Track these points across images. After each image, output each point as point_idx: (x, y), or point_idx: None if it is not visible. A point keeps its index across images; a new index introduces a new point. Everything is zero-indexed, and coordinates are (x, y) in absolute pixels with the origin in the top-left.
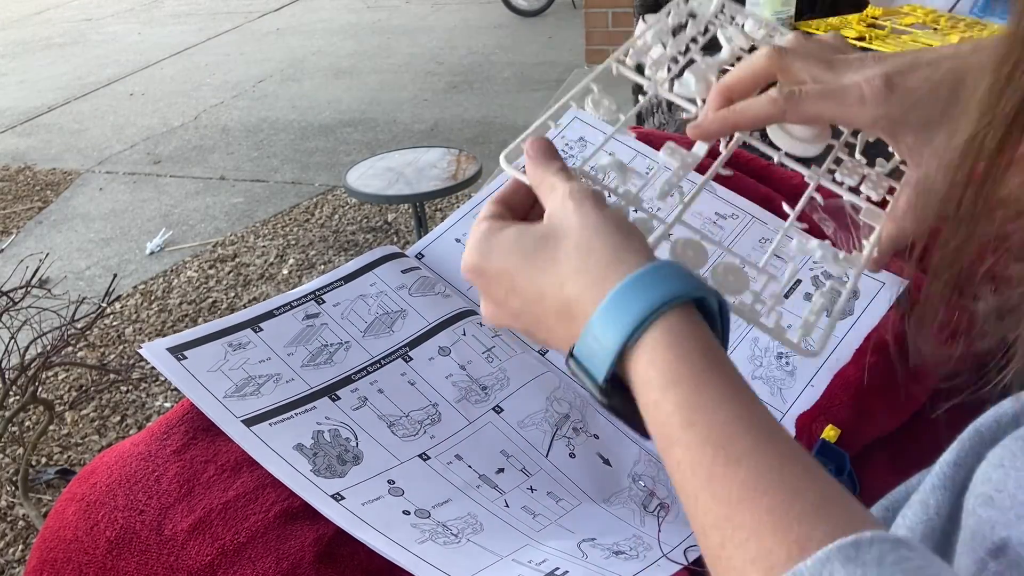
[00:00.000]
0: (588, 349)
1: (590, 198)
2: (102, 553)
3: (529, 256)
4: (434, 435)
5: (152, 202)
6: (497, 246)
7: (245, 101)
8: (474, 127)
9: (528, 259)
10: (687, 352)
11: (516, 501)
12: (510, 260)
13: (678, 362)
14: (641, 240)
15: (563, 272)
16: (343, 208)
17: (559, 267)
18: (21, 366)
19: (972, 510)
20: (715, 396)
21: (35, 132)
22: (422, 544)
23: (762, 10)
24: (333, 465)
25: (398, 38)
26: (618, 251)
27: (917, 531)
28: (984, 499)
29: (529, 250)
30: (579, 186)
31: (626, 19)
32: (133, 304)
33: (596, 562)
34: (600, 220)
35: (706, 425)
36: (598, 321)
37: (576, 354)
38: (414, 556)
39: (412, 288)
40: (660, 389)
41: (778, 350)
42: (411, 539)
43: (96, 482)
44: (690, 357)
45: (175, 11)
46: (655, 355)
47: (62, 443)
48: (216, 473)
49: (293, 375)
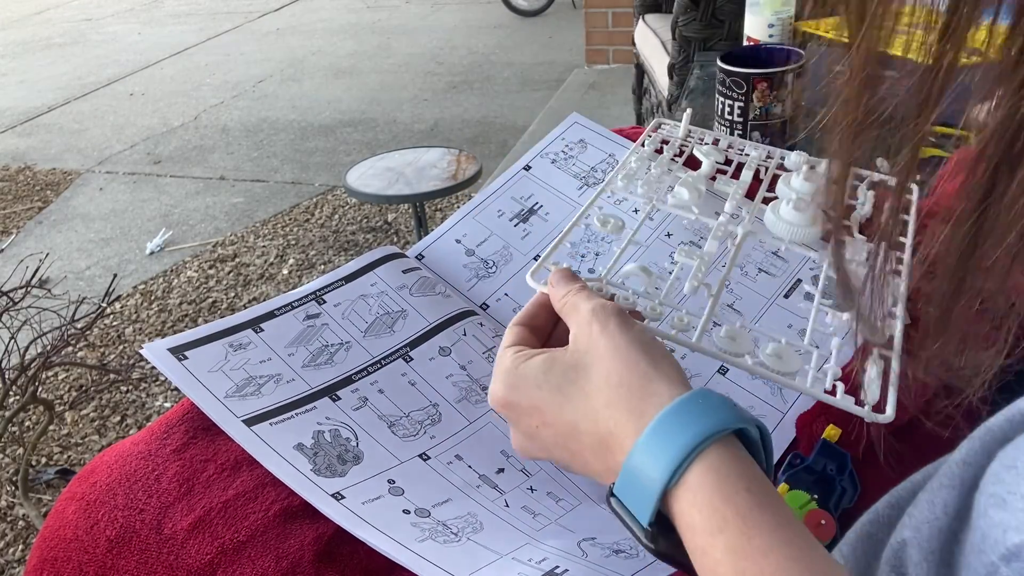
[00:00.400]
0: (628, 489)
1: (614, 317)
2: (102, 552)
3: (559, 388)
4: (434, 435)
5: (152, 202)
6: (525, 379)
7: (245, 101)
8: (474, 127)
9: (558, 392)
10: (731, 492)
11: (516, 501)
12: (540, 394)
13: (724, 504)
14: (671, 363)
15: (595, 405)
16: (343, 208)
17: (590, 400)
18: (21, 366)
19: (983, 511)
20: (764, 541)
21: (35, 132)
22: (422, 542)
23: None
24: (333, 465)
25: (398, 38)
26: (650, 380)
27: (923, 530)
28: (996, 500)
29: (558, 382)
30: (602, 304)
31: (626, 19)
32: (133, 304)
33: (596, 561)
34: (627, 344)
35: (757, 574)
36: (636, 461)
37: (616, 493)
38: (414, 554)
39: (413, 288)
40: (707, 534)
41: None
42: (411, 538)
43: (96, 481)
44: (735, 498)
45: (175, 11)
46: (698, 497)
47: (62, 443)
48: (216, 472)
49: (294, 375)
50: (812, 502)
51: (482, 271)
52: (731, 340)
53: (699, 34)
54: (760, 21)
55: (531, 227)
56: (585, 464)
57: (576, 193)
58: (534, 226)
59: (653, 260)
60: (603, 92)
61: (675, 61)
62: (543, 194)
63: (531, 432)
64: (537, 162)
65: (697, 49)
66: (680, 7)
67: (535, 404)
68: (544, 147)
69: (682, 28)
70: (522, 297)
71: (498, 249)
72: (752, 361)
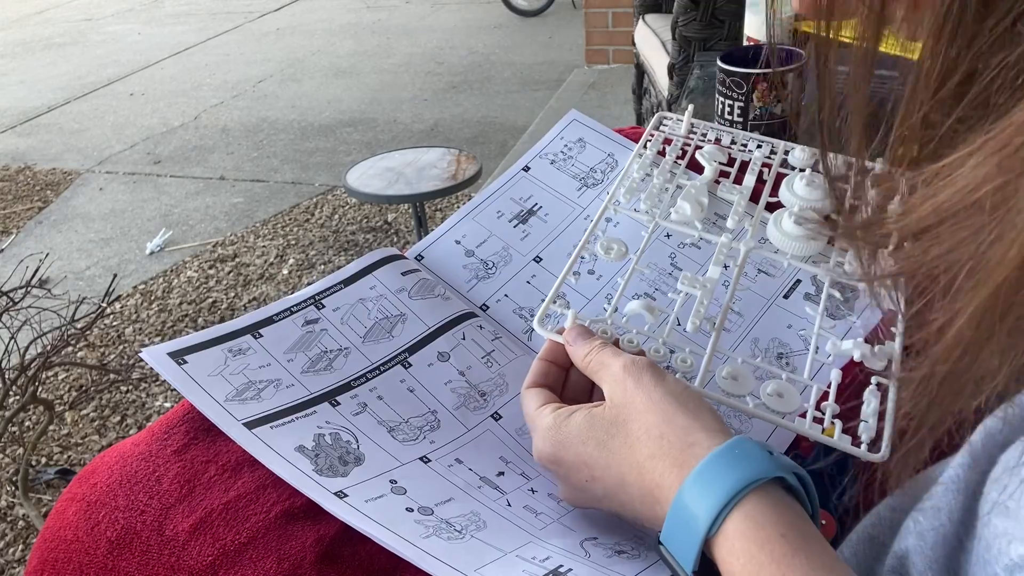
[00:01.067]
0: (673, 539)
1: (647, 371)
2: (103, 554)
3: (603, 444)
4: (434, 440)
5: (152, 202)
6: (569, 436)
7: (245, 101)
8: (474, 127)
9: (603, 447)
10: (766, 539)
11: (518, 501)
12: (586, 449)
13: (760, 552)
14: (709, 412)
15: (639, 459)
16: (343, 208)
17: (634, 454)
18: (21, 366)
19: (987, 520)
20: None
21: (35, 132)
22: (427, 539)
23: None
24: (335, 466)
25: (398, 38)
26: (688, 431)
27: (928, 537)
28: (1000, 508)
29: (602, 437)
30: (632, 360)
31: (626, 19)
32: (133, 304)
33: (599, 561)
34: (661, 396)
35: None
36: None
37: (663, 541)
38: (420, 550)
39: (412, 291)
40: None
41: (778, 351)
42: (416, 534)
43: (96, 482)
44: (769, 544)
45: (175, 11)
46: (736, 545)
47: (62, 443)
48: (217, 473)
49: (293, 381)
50: None
51: (481, 272)
52: (733, 380)
53: (699, 34)
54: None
55: (530, 228)
56: (636, 513)
57: (575, 194)
58: (533, 227)
59: (653, 261)
60: (603, 92)
61: (675, 61)
62: (542, 195)
63: (581, 486)
64: (536, 163)
65: (697, 49)
66: (680, 7)
67: (583, 460)
68: (543, 147)
69: (682, 28)
70: (521, 298)
71: (497, 250)
72: (753, 403)
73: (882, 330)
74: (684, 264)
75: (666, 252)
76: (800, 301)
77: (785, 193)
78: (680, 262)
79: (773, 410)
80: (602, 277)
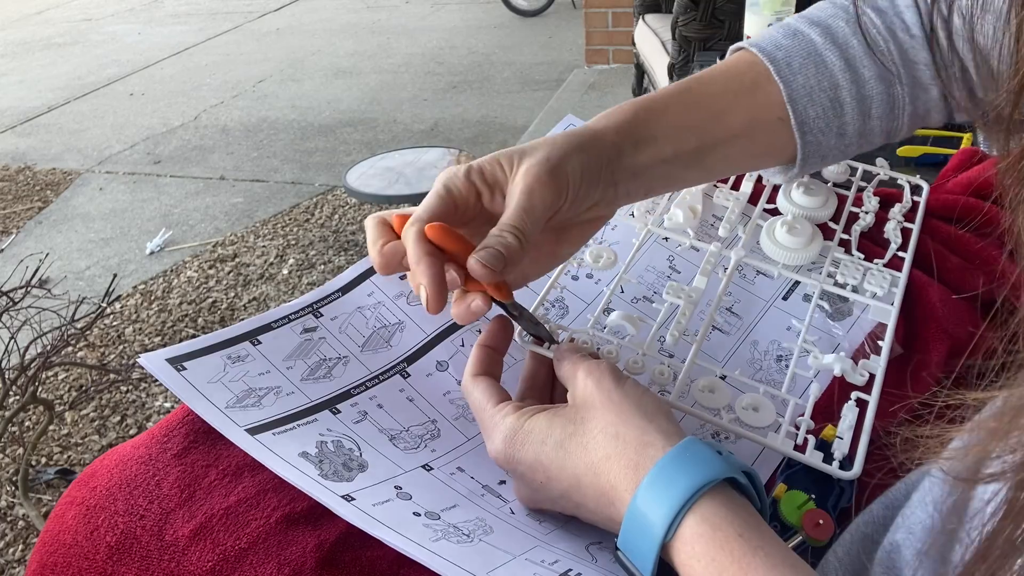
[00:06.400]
0: (630, 544)
1: (608, 374)
2: (102, 558)
3: (560, 444)
4: (435, 449)
5: (152, 202)
6: (529, 436)
7: (245, 101)
8: (474, 127)
9: (560, 447)
10: (725, 540)
11: (521, 508)
12: (543, 449)
13: (721, 553)
14: (665, 415)
15: (594, 460)
16: (343, 208)
17: (590, 455)
18: (21, 366)
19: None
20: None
21: (35, 132)
22: (436, 542)
23: (762, 10)
24: (340, 471)
25: (398, 38)
26: (644, 432)
27: (916, 531)
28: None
29: (560, 438)
30: (596, 362)
31: (626, 19)
32: (133, 304)
33: (605, 566)
34: (621, 397)
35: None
36: (634, 516)
37: (620, 546)
38: (432, 553)
39: (410, 297)
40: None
41: (777, 353)
42: (426, 537)
43: (96, 486)
44: (729, 545)
45: (175, 11)
46: (696, 548)
47: (62, 443)
48: (217, 478)
49: (293, 388)
50: (810, 502)
51: None
52: (710, 393)
53: (699, 34)
54: (760, 21)
55: None
56: (591, 513)
57: None
58: None
59: (651, 264)
60: (603, 92)
61: (675, 61)
62: None
63: (537, 487)
64: None
65: (697, 49)
66: (680, 7)
67: (539, 460)
68: None
69: (682, 28)
70: (519, 299)
71: None
72: (727, 418)
73: (868, 344)
74: (681, 267)
75: (664, 255)
76: (800, 303)
77: (783, 201)
78: (678, 264)
79: (747, 424)
80: (600, 281)
